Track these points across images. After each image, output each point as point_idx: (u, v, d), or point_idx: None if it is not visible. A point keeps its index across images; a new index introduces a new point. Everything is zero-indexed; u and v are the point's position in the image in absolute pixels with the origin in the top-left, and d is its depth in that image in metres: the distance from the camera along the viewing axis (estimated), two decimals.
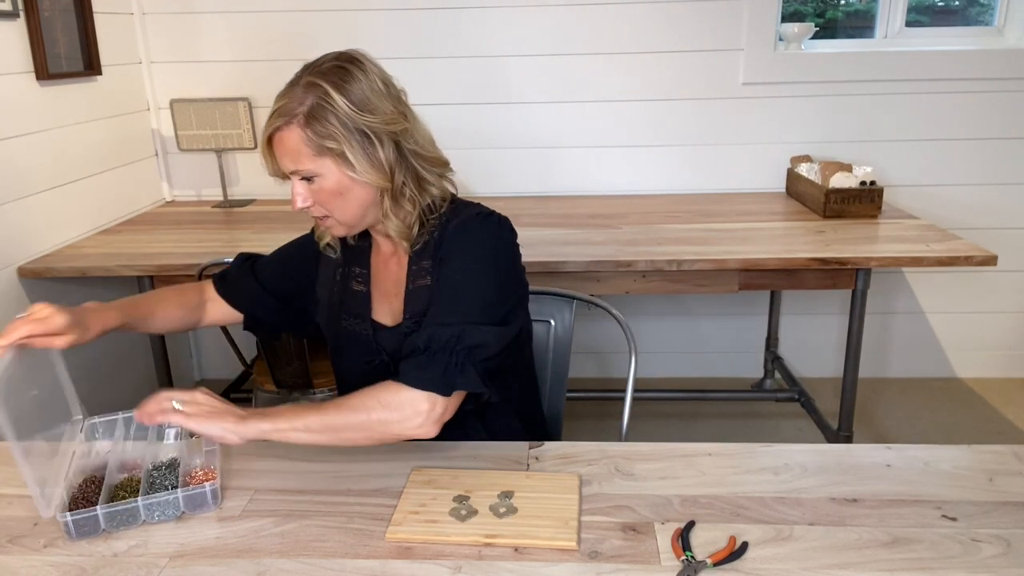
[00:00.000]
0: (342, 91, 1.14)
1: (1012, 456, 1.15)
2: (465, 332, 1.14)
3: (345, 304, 1.34)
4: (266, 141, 1.19)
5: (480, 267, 1.21)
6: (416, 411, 1.09)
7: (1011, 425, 2.76)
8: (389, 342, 1.29)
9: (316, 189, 1.18)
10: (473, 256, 1.21)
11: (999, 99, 2.75)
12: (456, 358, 1.12)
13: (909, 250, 2.13)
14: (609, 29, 2.74)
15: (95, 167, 2.53)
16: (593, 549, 0.97)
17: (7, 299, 2.14)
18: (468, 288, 1.19)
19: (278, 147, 1.18)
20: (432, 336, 1.13)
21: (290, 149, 1.16)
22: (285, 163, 1.18)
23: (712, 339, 3.12)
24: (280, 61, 2.76)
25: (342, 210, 1.21)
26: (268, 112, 1.19)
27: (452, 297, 1.18)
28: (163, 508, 1.06)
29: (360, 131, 1.15)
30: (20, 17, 2.17)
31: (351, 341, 1.33)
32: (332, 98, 1.14)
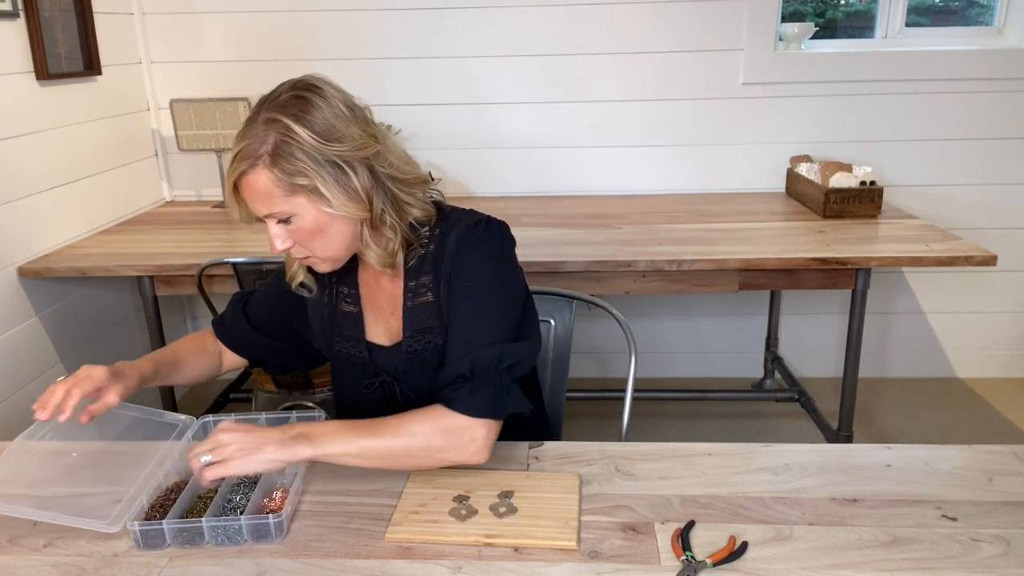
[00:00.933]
0: (304, 123, 1.07)
1: (1012, 456, 1.15)
2: (505, 352, 1.14)
3: (337, 327, 1.30)
4: (232, 187, 1.12)
5: (496, 280, 1.19)
6: (474, 438, 1.10)
7: (1011, 425, 2.76)
8: (389, 362, 1.26)
9: (294, 229, 1.14)
10: (486, 269, 1.19)
11: (999, 99, 2.75)
12: (502, 380, 1.13)
13: (909, 250, 2.13)
14: (609, 29, 2.74)
15: (95, 167, 2.53)
16: (593, 549, 0.97)
17: (7, 299, 2.14)
18: (491, 305, 1.18)
19: (246, 191, 1.11)
20: (476, 361, 1.13)
21: (260, 192, 1.10)
22: (256, 206, 1.12)
23: (712, 339, 3.12)
24: (280, 61, 2.78)
25: (324, 247, 1.16)
26: (230, 153, 1.11)
27: (479, 316, 1.17)
28: (228, 534, 1.00)
29: (330, 162, 1.08)
30: (20, 17, 2.17)
31: (347, 364, 1.30)
32: (295, 132, 1.07)
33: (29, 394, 2.21)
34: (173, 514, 1.02)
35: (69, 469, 1.19)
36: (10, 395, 2.14)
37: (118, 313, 2.67)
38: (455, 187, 2.80)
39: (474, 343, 1.14)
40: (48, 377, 2.29)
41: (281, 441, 1.04)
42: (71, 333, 2.41)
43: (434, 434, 1.08)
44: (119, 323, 2.67)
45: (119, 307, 2.67)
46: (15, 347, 2.17)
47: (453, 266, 1.19)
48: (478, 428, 1.10)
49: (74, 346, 2.41)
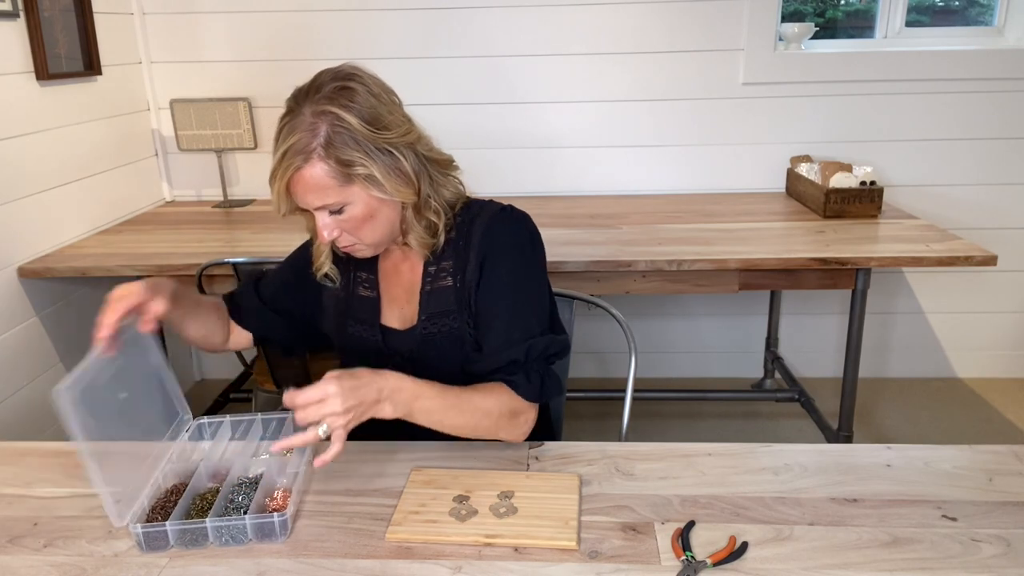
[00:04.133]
0: (353, 112, 1.09)
1: (1012, 456, 1.15)
2: (552, 342, 1.22)
3: (352, 310, 1.32)
4: (284, 184, 1.13)
5: (530, 268, 1.24)
6: (527, 420, 1.19)
7: (1011, 425, 2.77)
8: (402, 344, 1.28)
9: (344, 219, 1.15)
10: (525, 257, 1.24)
11: (999, 99, 2.75)
12: (546, 368, 1.21)
13: (909, 250, 2.13)
14: (609, 29, 2.74)
15: (95, 167, 2.53)
16: (593, 549, 0.97)
17: (7, 299, 2.14)
18: (530, 294, 1.23)
19: (299, 186, 1.12)
20: (532, 347, 1.19)
21: (315, 185, 1.11)
22: (309, 200, 1.13)
23: (712, 339, 3.12)
24: (280, 61, 2.78)
25: (372, 234, 1.18)
26: (276, 150, 1.13)
27: (525, 303, 1.22)
28: (232, 533, 1.00)
29: (381, 149, 1.11)
30: (20, 17, 2.17)
31: (358, 347, 1.32)
32: (347, 122, 1.09)
33: (29, 394, 2.21)
34: (176, 515, 1.02)
35: (67, 468, 1.18)
36: (10, 395, 2.13)
37: None
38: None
39: (526, 330, 1.20)
40: (48, 377, 2.29)
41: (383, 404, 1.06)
42: (71, 333, 2.41)
43: (503, 415, 1.16)
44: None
45: None
46: (15, 347, 2.17)
47: (486, 251, 1.22)
48: (531, 412, 1.19)
49: (74, 346, 2.41)
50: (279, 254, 2.08)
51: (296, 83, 1.17)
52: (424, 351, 1.26)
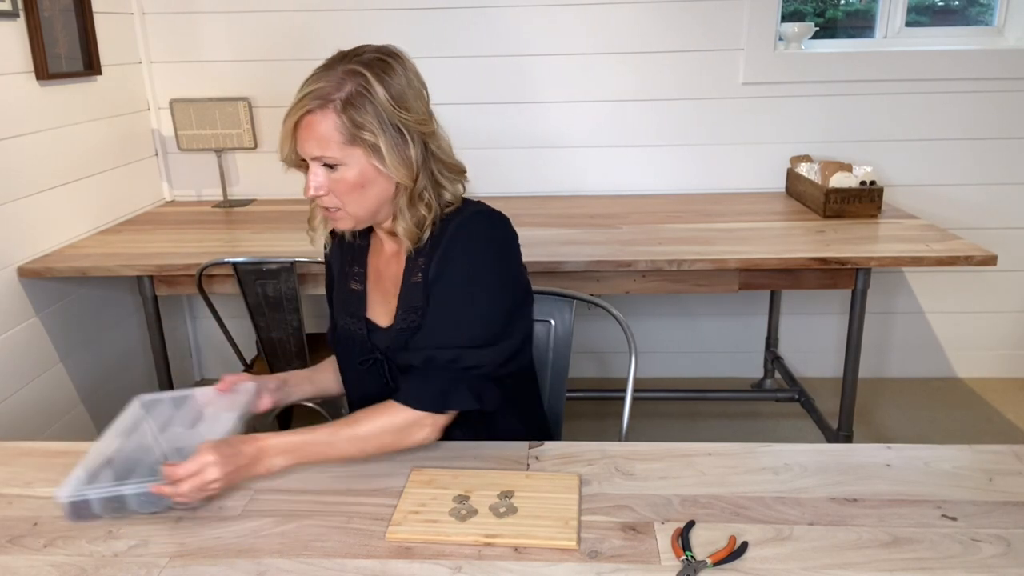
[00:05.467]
0: (383, 83, 1.13)
1: (1012, 456, 1.15)
2: (462, 355, 1.18)
3: (344, 303, 1.34)
4: (292, 124, 1.14)
5: (485, 272, 1.21)
6: (419, 427, 1.17)
7: (1011, 425, 2.76)
8: (383, 340, 1.28)
9: (336, 179, 1.16)
10: (477, 260, 1.21)
11: (999, 99, 2.75)
12: (452, 376, 1.18)
13: (909, 250, 2.13)
14: (609, 29, 2.74)
15: (95, 167, 2.53)
16: (593, 549, 0.97)
17: (7, 299, 2.14)
18: (469, 304, 1.20)
19: (305, 130, 1.13)
20: (430, 359, 1.19)
21: (319, 134, 1.13)
22: (309, 147, 1.14)
23: (712, 339, 3.12)
24: (280, 61, 2.78)
25: (358, 203, 1.19)
26: (298, 93, 1.14)
27: (452, 315, 1.20)
28: (151, 499, 1.04)
29: (395, 126, 1.13)
30: (20, 17, 2.17)
31: (348, 340, 1.33)
32: (373, 89, 1.12)
33: (29, 394, 2.21)
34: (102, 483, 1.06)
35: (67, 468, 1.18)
36: (10, 395, 2.13)
37: (118, 313, 2.67)
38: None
39: (437, 340, 1.20)
40: (48, 377, 2.29)
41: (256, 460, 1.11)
42: (71, 333, 2.41)
43: (384, 435, 1.16)
44: (119, 323, 2.67)
45: (119, 307, 2.67)
46: (15, 347, 2.17)
47: (446, 251, 1.21)
48: (421, 419, 1.17)
49: (74, 346, 2.41)
50: (279, 254, 2.09)
51: (296, 83, 1.17)
52: (398, 347, 1.26)
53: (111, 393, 2.60)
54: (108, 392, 2.59)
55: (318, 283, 2.18)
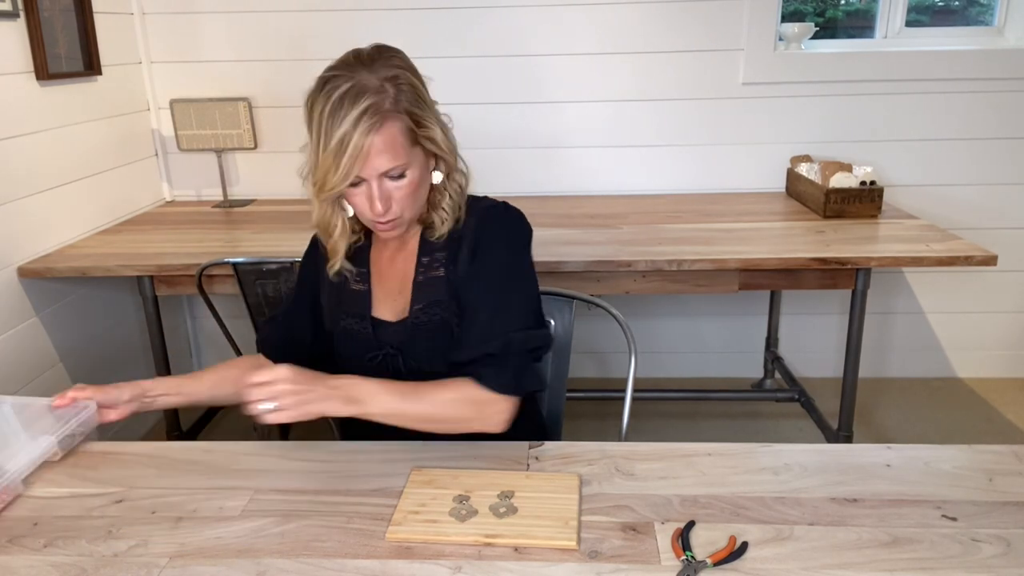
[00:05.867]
0: (415, 74, 1.15)
1: (1012, 456, 1.15)
2: (530, 336, 1.22)
3: (343, 304, 1.33)
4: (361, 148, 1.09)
5: (523, 263, 1.27)
6: (498, 411, 1.19)
7: (1011, 425, 2.77)
8: (394, 336, 1.28)
9: (398, 186, 1.15)
10: (514, 250, 1.26)
11: (999, 99, 2.75)
12: (525, 360, 1.22)
13: (909, 250, 2.13)
14: (609, 29, 2.74)
15: (95, 167, 2.53)
16: (593, 549, 0.97)
17: (7, 299, 2.14)
18: (518, 287, 1.25)
19: (374, 150, 1.11)
20: (508, 342, 1.20)
21: (388, 145, 1.11)
22: (380, 163, 1.12)
23: (712, 339, 3.12)
24: (280, 61, 2.78)
25: (413, 205, 1.20)
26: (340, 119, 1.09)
27: (508, 297, 1.23)
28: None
29: (435, 112, 1.16)
30: (20, 17, 2.17)
31: (350, 339, 1.33)
32: (414, 82, 1.14)
33: (29, 394, 2.21)
34: None
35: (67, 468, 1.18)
36: (10, 395, 2.13)
37: (118, 313, 2.67)
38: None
39: (508, 324, 1.21)
40: (48, 377, 2.29)
41: (334, 396, 1.11)
42: (71, 333, 2.41)
43: (463, 405, 1.18)
44: (119, 323, 2.67)
45: (119, 307, 2.67)
46: (15, 347, 2.17)
47: (478, 242, 1.23)
48: (503, 403, 1.19)
49: (74, 346, 2.41)
50: (279, 254, 2.09)
51: (296, 83, 1.18)
52: (414, 341, 1.27)
53: None
54: None
55: None
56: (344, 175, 1.12)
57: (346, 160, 1.10)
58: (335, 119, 1.10)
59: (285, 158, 2.90)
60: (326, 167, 1.12)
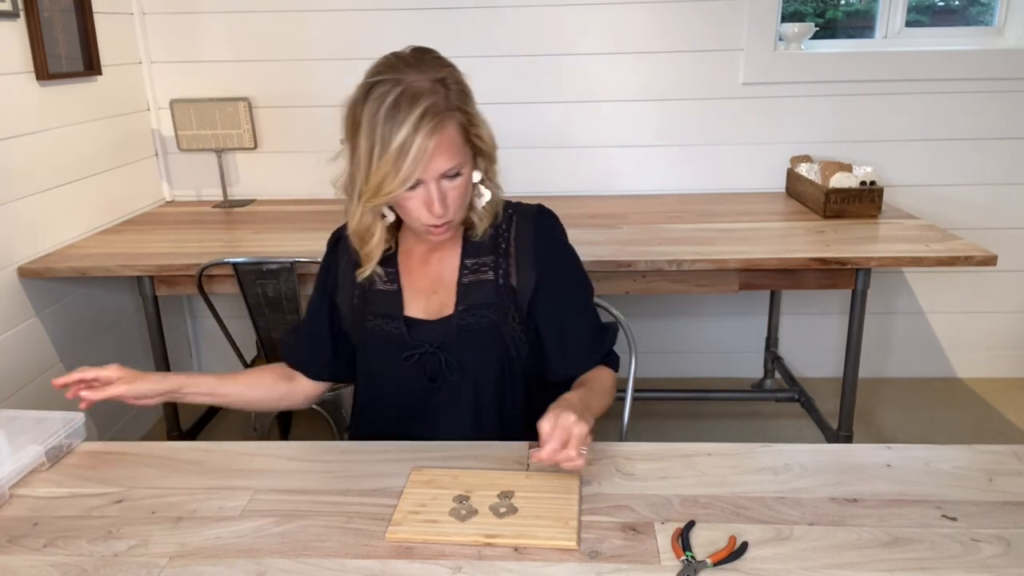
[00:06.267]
0: (459, 71, 1.16)
1: (1012, 456, 1.15)
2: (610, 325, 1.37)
3: (370, 305, 1.32)
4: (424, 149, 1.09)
5: (580, 263, 1.36)
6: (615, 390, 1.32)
7: (1011, 425, 2.76)
8: (431, 335, 1.28)
9: (453, 187, 1.15)
10: (573, 255, 1.35)
11: (999, 99, 2.75)
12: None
13: (909, 250, 2.13)
14: (609, 29, 2.74)
15: (95, 167, 2.53)
16: (593, 549, 0.97)
17: (7, 299, 2.14)
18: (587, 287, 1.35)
19: (438, 150, 1.10)
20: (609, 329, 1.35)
21: (449, 145, 1.11)
22: (440, 163, 1.12)
23: (712, 339, 3.11)
24: (280, 61, 2.78)
25: (463, 206, 1.21)
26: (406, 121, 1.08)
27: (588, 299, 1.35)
28: None
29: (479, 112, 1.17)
30: (20, 17, 2.17)
31: (381, 340, 1.31)
32: (460, 79, 1.15)
33: (29, 394, 2.21)
34: None
35: (67, 468, 1.18)
36: (10, 395, 2.13)
37: (118, 313, 2.67)
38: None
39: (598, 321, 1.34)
40: (48, 377, 2.29)
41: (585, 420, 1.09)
42: (71, 333, 2.41)
43: (613, 390, 1.32)
44: (119, 323, 2.67)
45: (119, 307, 2.67)
46: (15, 347, 2.17)
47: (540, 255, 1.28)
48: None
49: (74, 346, 2.41)
50: (279, 254, 2.09)
51: (296, 83, 1.18)
52: (458, 341, 1.27)
53: None
54: None
55: None
56: (404, 179, 1.10)
57: (408, 164, 1.09)
58: (393, 123, 1.09)
59: (285, 158, 2.91)
60: (383, 172, 1.10)
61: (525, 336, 1.29)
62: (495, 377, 1.30)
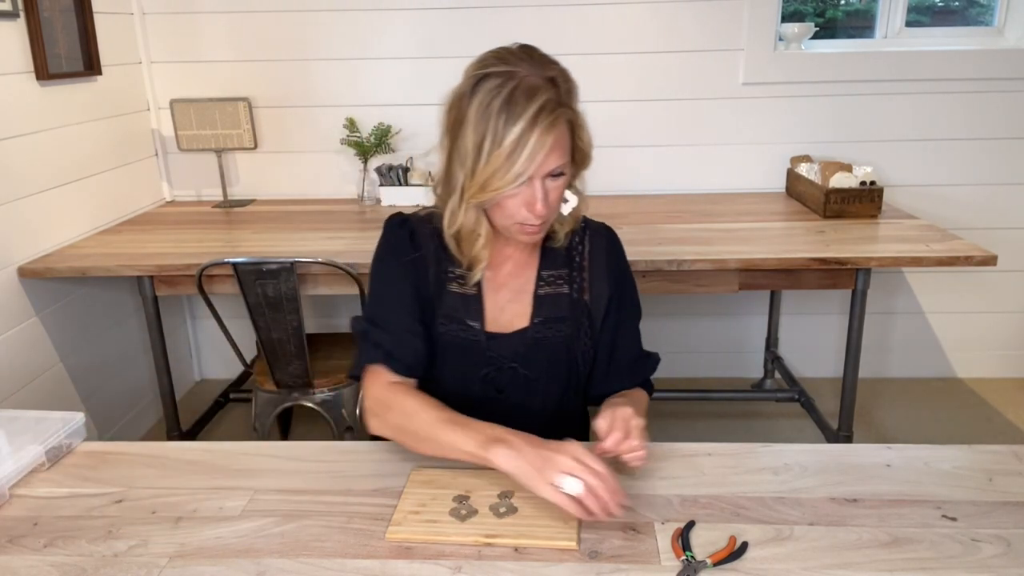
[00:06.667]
0: (567, 70, 1.12)
1: (1012, 456, 1.15)
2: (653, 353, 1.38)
3: (444, 308, 1.23)
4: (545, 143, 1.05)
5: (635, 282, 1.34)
6: None
7: (1011, 425, 2.76)
8: (508, 347, 1.24)
9: (555, 186, 1.12)
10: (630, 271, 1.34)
11: (999, 99, 2.75)
12: None
13: (909, 250, 2.13)
14: (609, 29, 2.74)
15: (95, 167, 2.53)
16: (593, 549, 0.97)
17: (7, 299, 2.14)
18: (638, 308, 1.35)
19: (555, 144, 1.07)
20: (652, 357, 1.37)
21: (558, 145, 1.08)
22: (553, 160, 1.08)
23: (712, 339, 3.11)
24: (280, 61, 2.78)
25: (557, 208, 1.17)
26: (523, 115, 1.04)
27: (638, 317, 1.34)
28: None
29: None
30: (20, 17, 2.17)
31: (453, 346, 1.24)
32: (570, 78, 1.12)
33: (29, 394, 2.21)
34: None
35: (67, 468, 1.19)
36: (10, 395, 2.13)
37: (118, 313, 2.67)
38: None
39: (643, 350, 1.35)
40: (48, 377, 2.29)
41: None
42: (71, 333, 2.41)
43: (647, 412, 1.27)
44: (119, 323, 2.67)
45: (119, 307, 2.68)
46: (15, 347, 2.17)
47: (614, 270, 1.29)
48: None
49: (74, 346, 2.41)
50: (279, 254, 2.09)
51: (296, 83, 1.17)
52: (533, 354, 1.24)
53: (111, 393, 2.61)
54: (108, 392, 2.59)
55: (317, 283, 2.18)
56: (516, 176, 1.06)
57: (523, 159, 1.05)
58: (508, 117, 1.05)
59: (285, 158, 2.91)
60: (493, 168, 1.06)
61: (593, 352, 1.28)
62: (559, 393, 1.28)
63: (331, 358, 2.33)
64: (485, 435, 1.02)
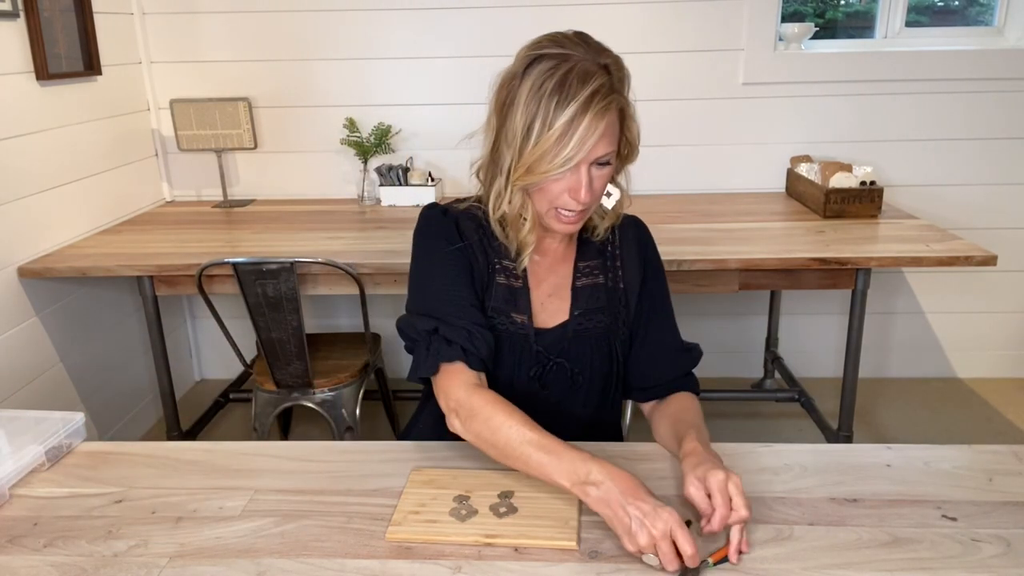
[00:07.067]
0: (620, 58, 1.11)
1: (1012, 456, 1.15)
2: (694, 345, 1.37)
3: (493, 301, 1.21)
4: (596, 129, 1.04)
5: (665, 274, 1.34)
6: None
7: (1011, 425, 2.76)
8: (553, 342, 1.23)
9: (600, 174, 1.10)
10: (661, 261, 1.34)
11: (999, 99, 2.75)
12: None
13: (909, 250, 2.13)
14: (609, 29, 2.73)
15: (95, 167, 2.53)
16: (593, 549, 0.97)
17: (7, 299, 2.14)
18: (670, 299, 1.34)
19: (607, 129, 1.06)
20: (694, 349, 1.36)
21: (608, 131, 1.07)
22: (600, 147, 1.06)
23: (712, 339, 3.11)
24: (280, 61, 2.78)
25: (600, 196, 1.16)
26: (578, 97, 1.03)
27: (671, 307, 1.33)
28: None
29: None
30: (20, 17, 2.17)
31: (501, 342, 1.21)
32: (623, 67, 1.10)
33: (29, 394, 2.21)
34: None
35: (67, 468, 1.19)
36: (10, 395, 2.13)
37: (118, 313, 2.67)
38: (455, 187, 2.80)
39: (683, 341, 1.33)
40: (48, 377, 2.29)
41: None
42: (71, 333, 2.41)
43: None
44: (119, 323, 2.67)
45: (119, 307, 2.68)
46: (15, 347, 2.17)
47: (646, 261, 1.29)
48: None
49: (74, 346, 2.41)
50: (279, 254, 2.09)
51: (296, 83, 1.16)
52: (576, 347, 1.24)
53: (111, 393, 2.61)
54: (108, 392, 2.59)
55: (317, 283, 2.18)
56: (565, 159, 1.05)
57: (573, 144, 1.04)
58: (560, 100, 1.03)
59: (285, 158, 2.91)
60: (541, 151, 1.05)
61: (630, 339, 1.28)
62: (601, 386, 1.27)
63: (331, 358, 2.33)
64: (577, 473, 0.98)
